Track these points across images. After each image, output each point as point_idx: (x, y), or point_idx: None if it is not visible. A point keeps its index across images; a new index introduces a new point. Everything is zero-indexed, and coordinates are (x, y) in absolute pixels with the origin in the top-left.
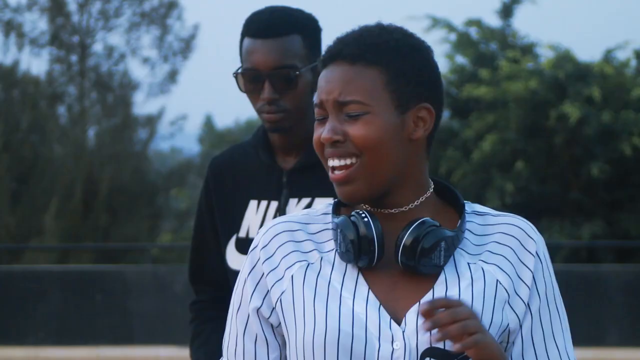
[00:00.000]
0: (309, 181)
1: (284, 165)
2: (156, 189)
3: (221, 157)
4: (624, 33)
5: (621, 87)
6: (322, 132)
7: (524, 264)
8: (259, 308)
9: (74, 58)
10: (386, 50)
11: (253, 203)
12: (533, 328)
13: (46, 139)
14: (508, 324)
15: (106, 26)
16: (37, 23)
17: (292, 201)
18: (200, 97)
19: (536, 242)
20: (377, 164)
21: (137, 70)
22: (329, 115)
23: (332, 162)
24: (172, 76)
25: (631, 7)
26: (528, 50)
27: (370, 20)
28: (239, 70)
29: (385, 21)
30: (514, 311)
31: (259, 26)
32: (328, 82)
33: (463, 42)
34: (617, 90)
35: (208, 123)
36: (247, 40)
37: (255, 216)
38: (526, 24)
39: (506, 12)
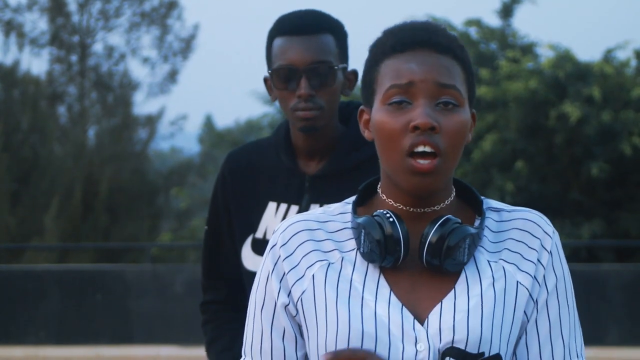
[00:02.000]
0: (332, 188)
1: (306, 169)
2: (156, 188)
3: (239, 153)
4: (624, 33)
5: (621, 86)
6: (411, 117)
7: (540, 263)
8: (287, 305)
9: (74, 58)
10: (463, 49)
11: (272, 205)
12: (538, 320)
13: (46, 139)
14: (521, 323)
15: (106, 26)
16: (37, 23)
17: (314, 207)
18: (200, 97)
19: (551, 237)
20: (453, 161)
21: (137, 70)
22: (417, 100)
23: (424, 149)
24: (172, 76)
25: (631, 6)
26: (528, 50)
27: (370, 20)
28: (275, 67)
29: (385, 21)
30: (524, 310)
31: (293, 24)
32: (422, 64)
33: (463, 42)
34: (617, 90)
35: (208, 123)
36: (279, 40)
37: (274, 218)
38: (526, 23)
39: (506, 11)
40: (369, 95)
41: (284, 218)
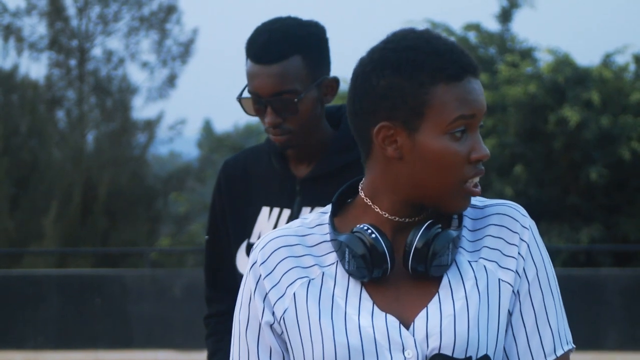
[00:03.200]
0: (322, 190)
1: (297, 173)
2: (155, 193)
3: (234, 160)
4: (622, 37)
5: (620, 91)
6: (471, 147)
7: (521, 255)
8: (272, 324)
9: (73, 62)
10: None
11: (265, 209)
12: (523, 311)
13: (45, 144)
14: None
15: (105, 30)
16: (36, 27)
17: (305, 210)
18: (199, 101)
19: (528, 228)
20: None
21: (136, 74)
22: (473, 131)
23: (477, 179)
24: (171, 80)
25: (630, 11)
26: (527, 54)
27: (370, 24)
28: (243, 94)
29: (383, 26)
30: (508, 306)
31: (258, 50)
32: (480, 95)
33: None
34: (616, 95)
35: (207, 127)
36: (248, 63)
37: (267, 223)
38: (525, 28)
39: (505, 16)
40: (410, 117)
41: (276, 222)
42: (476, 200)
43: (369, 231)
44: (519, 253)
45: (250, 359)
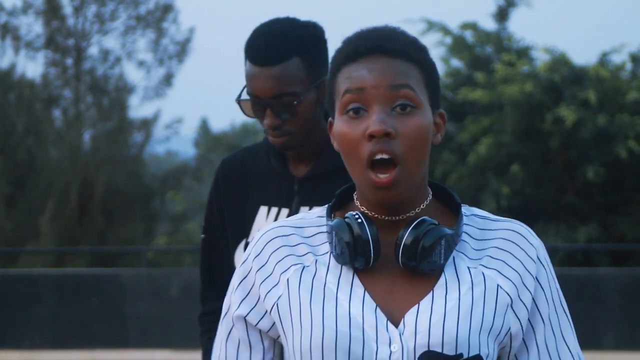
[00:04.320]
0: (321, 189)
1: (295, 172)
2: (152, 192)
3: (232, 158)
4: (619, 36)
5: (617, 90)
6: (367, 124)
7: (527, 270)
8: (245, 316)
9: (69, 61)
10: (421, 50)
11: (263, 209)
12: (546, 334)
13: (42, 142)
14: (510, 328)
15: (102, 29)
16: (32, 26)
17: (304, 209)
18: (195, 100)
19: (536, 247)
20: (416, 166)
21: (132, 73)
22: (372, 107)
23: (382, 156)
24: (168, 79)
25: (626, 10)
26: (523, 53)
27: (368, 23)
28: (242, 96)
29: (381, 24)
30: (516, 316)
31: (257, 52)
32: (373, 70)
33: (458, 46)
34: (613, 94)
35: (203, 126)
36: (247, 64)
37: (265, 222)
38: (522, 27)
39: (501, 15)
40: (331, 106)
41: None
42: (488, 214)
43: (357, 217)
44: (527, 269)
45: (220, 347)
